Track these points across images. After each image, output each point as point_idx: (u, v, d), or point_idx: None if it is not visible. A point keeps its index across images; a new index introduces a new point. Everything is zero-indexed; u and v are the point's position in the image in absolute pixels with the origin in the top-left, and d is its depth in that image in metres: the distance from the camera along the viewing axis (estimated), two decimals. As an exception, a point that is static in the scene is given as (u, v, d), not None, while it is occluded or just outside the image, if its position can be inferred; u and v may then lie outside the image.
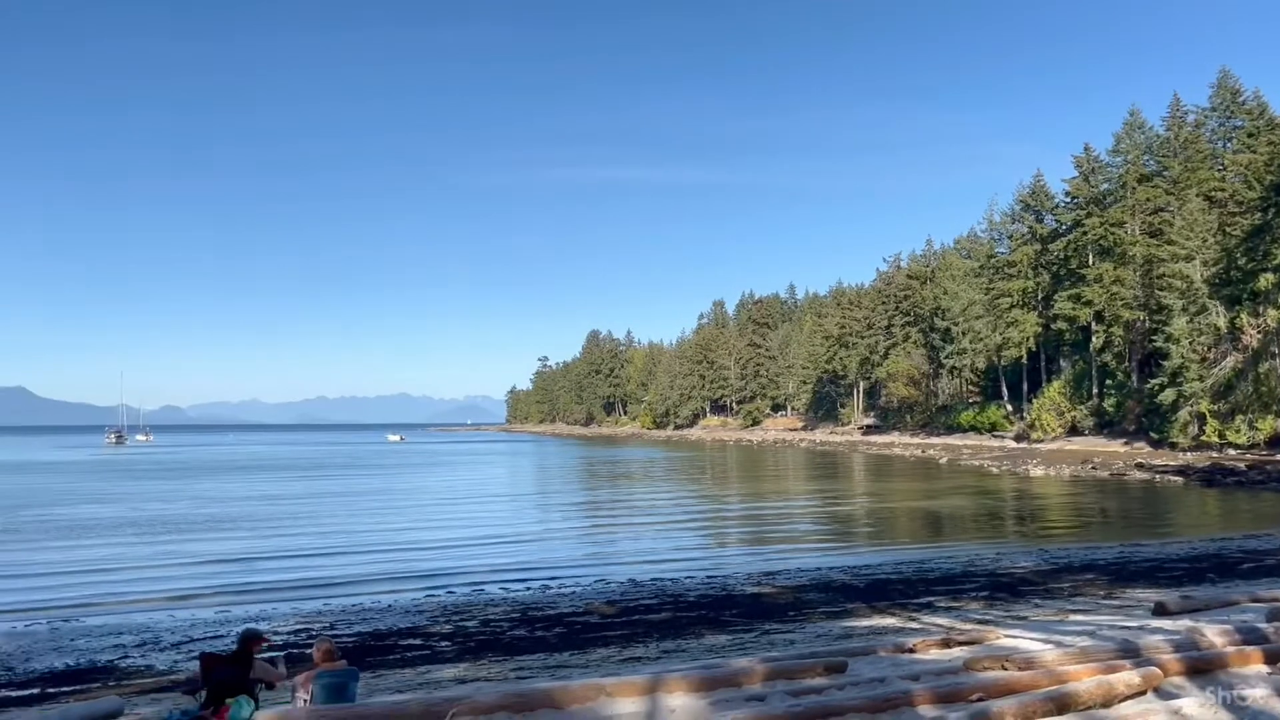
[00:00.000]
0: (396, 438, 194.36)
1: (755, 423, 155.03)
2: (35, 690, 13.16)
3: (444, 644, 15.80)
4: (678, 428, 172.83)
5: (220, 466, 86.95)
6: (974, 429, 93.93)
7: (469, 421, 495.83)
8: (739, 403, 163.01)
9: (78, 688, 13.17)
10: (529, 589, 21.44)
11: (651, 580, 22.08)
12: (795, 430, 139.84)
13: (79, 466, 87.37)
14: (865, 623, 16.08)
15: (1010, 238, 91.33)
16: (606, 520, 39.28)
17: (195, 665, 12.49)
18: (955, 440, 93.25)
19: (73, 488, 59.01)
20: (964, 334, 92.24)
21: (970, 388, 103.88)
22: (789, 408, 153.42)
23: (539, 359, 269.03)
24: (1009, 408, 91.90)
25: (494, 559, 26.88)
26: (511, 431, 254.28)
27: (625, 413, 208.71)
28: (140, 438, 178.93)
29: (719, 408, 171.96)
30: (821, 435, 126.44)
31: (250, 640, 8.75)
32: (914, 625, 15.20)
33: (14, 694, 13.02)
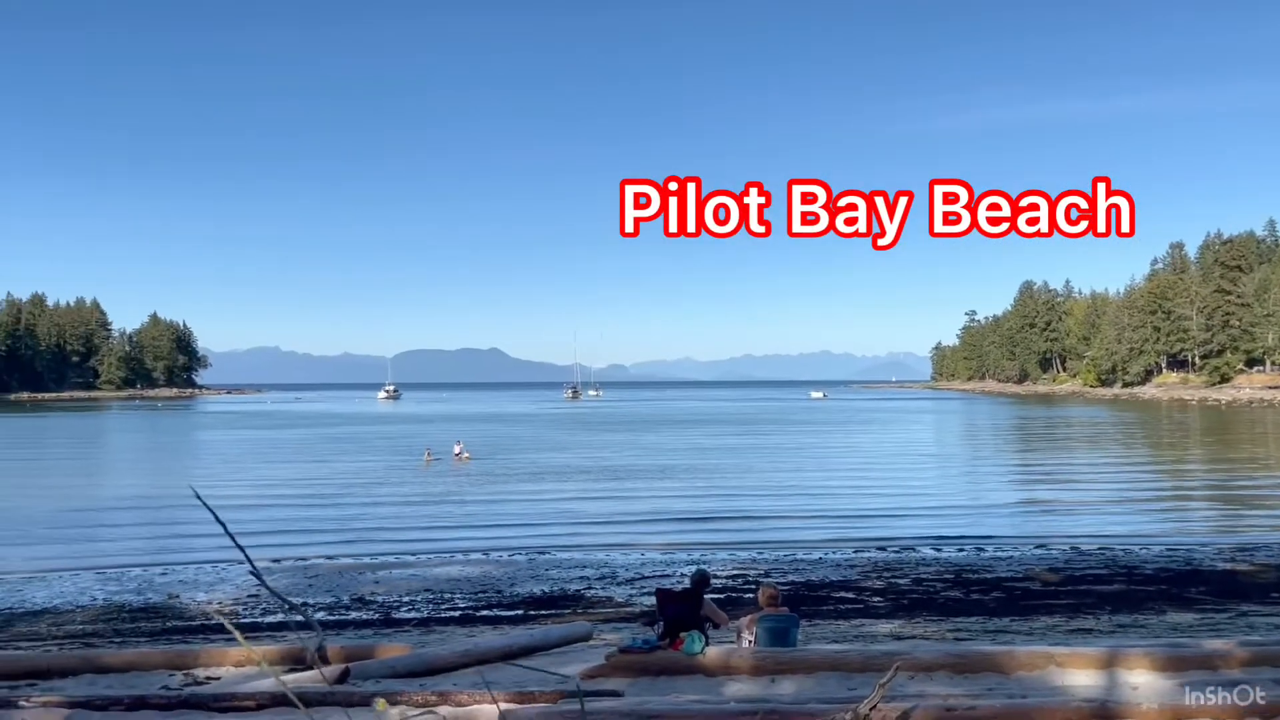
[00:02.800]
0: (819, 395, 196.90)
1: (1224, 380, 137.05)
2: (520, 611, 15.39)
3: (876, 599, 15.90)
4: (1126, 385, 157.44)
5: (662, 420, 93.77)
6: None
7: (892, 379, 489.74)
8: (1203, 358, 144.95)
9: (552, 611, 15.18)
10: (962, 551, 20.82)
11: (1099, 549, 20.49)
12: (1277, 388, 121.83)
13: (543, 419, 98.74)
14: (1376, 613, 13.73)
15: None
16: (1045, 484, 36.91)
17: (648, 600, 13.75)
18: None
19: (539, 437, 66.97)
20: None
21: None
22: (1268, 363, 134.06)
23: (966, 313, 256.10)
24: None
25: (925, 517, 26.45)
26: (937, 389, 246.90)
27: (1064, 369, 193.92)
28: (592, 393, 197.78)
29: (1177, 363, 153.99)
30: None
31: (701, 580, 9.40)
32: None
33: (504, 613, 15.40)
